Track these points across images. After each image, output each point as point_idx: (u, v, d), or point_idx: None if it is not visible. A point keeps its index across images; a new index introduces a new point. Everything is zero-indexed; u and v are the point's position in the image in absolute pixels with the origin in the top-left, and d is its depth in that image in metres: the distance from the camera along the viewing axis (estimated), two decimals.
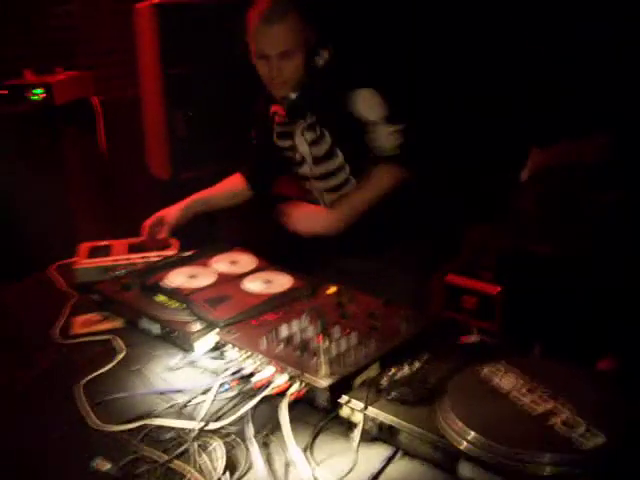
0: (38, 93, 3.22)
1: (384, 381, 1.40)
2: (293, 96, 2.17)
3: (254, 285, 1.95)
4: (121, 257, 2.30)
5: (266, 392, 1.46)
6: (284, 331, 1.62)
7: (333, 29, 2.37)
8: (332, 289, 1.91)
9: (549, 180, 3.77)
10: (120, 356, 1.74)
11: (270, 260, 2.16)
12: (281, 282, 1.97)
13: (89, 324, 1.95)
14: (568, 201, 3.63)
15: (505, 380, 1.42)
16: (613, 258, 3.23)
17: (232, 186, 2.56)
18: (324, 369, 1.44)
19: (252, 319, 1.74)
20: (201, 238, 2.46)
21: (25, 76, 3.38)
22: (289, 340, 1.59)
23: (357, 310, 1.76)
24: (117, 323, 1.94)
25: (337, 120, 2.17)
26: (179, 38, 3.29)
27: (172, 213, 2.45)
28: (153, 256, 2.30)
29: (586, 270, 3.26)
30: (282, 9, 2.06)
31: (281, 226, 2.18)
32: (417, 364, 1.45)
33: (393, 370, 1.43)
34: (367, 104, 2.11)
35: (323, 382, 1.42)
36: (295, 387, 1.45)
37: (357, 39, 3.34)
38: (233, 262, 2.13)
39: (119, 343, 1.81)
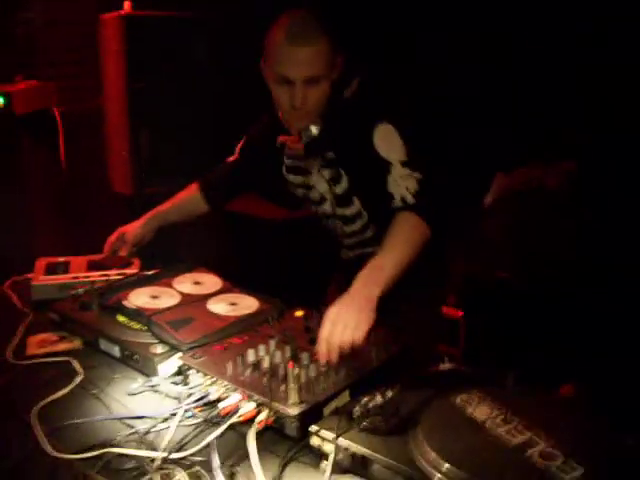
0: None
1: (356, 410, 1.36)
2: (315, 131, 1.97)
3: (219, 307, 1.90)
4: (80, 274, 2.23)
5: (232, 420, 1.40)
6: (251, 356, 1.57)
7: (363, 56, 2.20)
8: (299, 312, 1.87)
9: (512, 206, 3.80)
10: (78, 379, 1.67)
11: (236, 280, 2.11)
12: (247, 304, 1.92)
13: (45, 344, 1.86)
14: (530, 227, 3.66)
15: (479, 410, 1.38)
16: (575, 284, 3.26)
17: (187, 198, 2.45)
18: (293, 397, 1.39)
19: (217, 343, 1.68)
20: (163, 255, 2.41)
21: None
22: (256, 365, 1.54)
23: None
24: (75, 344, 1.86)
25: (357, 159, 1.93)
26: (146, 51, 3.23)
27: (132, 230, 2.39)
28: (113, 274, 2.22)
29: (548, 296, 3.28)
30: (312, 29, 1.82)
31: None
32: (389, 392, 1.40)
33: (365, 398, 1.38)
34: (386, 142, 1.88)
35: (292, 410, 1.37)
36: (263, 415, 1.40)
37: (383, 69, 3.26)
38: (197, 282, 2.07)
39: (77, 365, 1.74)
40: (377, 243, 2.06)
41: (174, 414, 1.47)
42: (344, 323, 1.54)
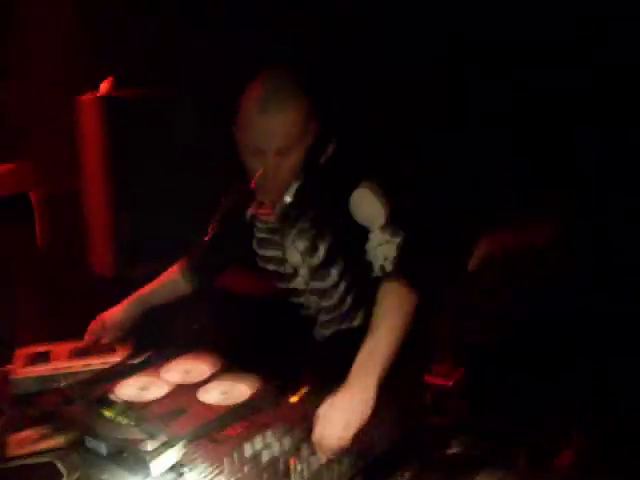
0: None
1: None
2: (288, 199, 1.90)
3: (211, 396, 1.80)
4: (62, 365, 2.13)
5: None
6: (248, 450, 1.48)
7: (337, 118, 2.13)
8: (295, 398, 1.78)
9: (500, 267, 3.76)
10: (68, 477, 1.57)
11: (228, 361, 2.03)
12: (240, 392, 1.82)
13: (26, 443, 1.75)
14: (520, 287, 3.62)
15: None
16: (565, 347, 3.22)
17: (170, 279, 2.37)
18: None
19: (212, 434, 1.59)
20: (153, 336, 2.32)
21: None
22: (253, 460, 1.45)
23: None
24: (59, 441, 1.74)
25: (333, 227, 1.88)
26: (125, 131, 3.20)
27: (114, 315, 2.30)
28: (97, 363, 2.13)
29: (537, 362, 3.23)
30: (284, 96, 1.75)
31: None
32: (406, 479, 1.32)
33: None
34: (365, 206, 1.80)
35: None
36: None
37: (358, 130, 3.23)
38: (186, 370, 1.97)
39: (61, 467, 1.63)
40: (353, 318, 2.03)
41: None
42: (332, 426, 1.48)
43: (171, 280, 2.36)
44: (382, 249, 1.76)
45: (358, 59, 3.77)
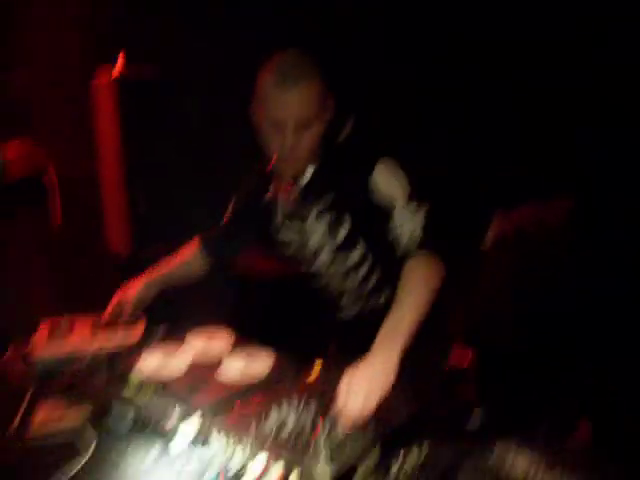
0: None
1: (393, 470, 1.29)
2: (309, 174, 1.90)
3: (233, 367, 1.82)
4: (84, 341, 2.15)
5: None
6: (273, 417, 1.50)
7: (356, 95, 2.11)
8: (318, 368, 1.80)
9: (514, 245, 3.77)
10: (89, 454, 1.56)
11: (246, 336, 2.04)
12: (262, 363, 1.84)
13: (50, 418, 1.76)
14: (534, 265, 3.62)
15: (519, 463, 1.32)
16: (581, 319, 3.22)
17: (187, 258, 2.37)
18: (324, 460, 1.32)
19: (235, 405, 1.61)
20: (170, 314, 2.34)
21: None
22: (279, 427, 1.47)
23: None
24: (81, 416, 1.74)
25: (357, 202, 1.84)
26: (139, 112, 3.21)
27: (132, 293, 2.31)
28: (118, 339, 2.15)
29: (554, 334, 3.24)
30: (301, 70, 1.76)
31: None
32: (423, 450, 1.33)
33: (400, 457, 1.31)
34: (388, 181, 1.80)
35: (324, 474, 1.29)
36: (292, 479, 1.32)
37: (376, 106, 3.21)
38: (208, 343, 2.00)
39: (87, 438, 1.63)
40: (379, 296, 2.02)
41: None
42: (356, 394, 1.48)
43: (188, 260, 2.37)
44: (407, 225, 1.76)
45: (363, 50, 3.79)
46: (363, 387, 1.49)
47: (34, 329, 2.28)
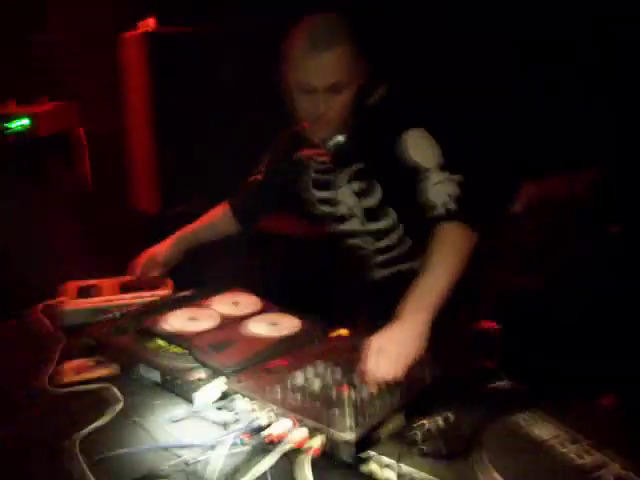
0: (22, 123, 3.09)
1: (416, 434, 1.29)
2: (341, 139, 1.87)
3: (260, 328, 1.83)
4: (113, 297, 2.17)
5: (284, 448, 1.34)
6: (299, 379, 1.50)
7: (388, 61, 2.08)
8: (344, 331, 1.80)
9: (543, 213, 3.73)
10: (118, 407, 1.59)
11: (273, 300, 2.05)
12: (288, 324, 1.85)
13: (81, 371, 1.79)
14: (562, 234, 3.59)
15: (543, 429, 1.32)
16: (608, 291, 3.19)
17: (218, 218, 2.37)
18: (349, 421, 1.32)
19: (261, 365, 1.62)
20: (193, 275, 2.35)
21: (9, 106, 3.25)
22: (305, 389, 1.47)
23: None
24: (112, 370, 1.79)
25: (389, 168, 1.81)
26: (168, 68, 3.18)
27: (162, 251, 2.32)
28: (147, 296, 2.17)
29: (579, 303, 3.21)
30: (333, 34, 1.73)
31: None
32: (450, 415, 1.33)
33: (425, 422, 1.31)
34: (420, 147, 1.77)
35: (349, 436, 1.30)
36: (316, 441, 1.33)
37: (409, 73, 3.16)
38: (235, 303, 2.01)
39: (115, 392, 1.66)
40: (413, 258, 1.98)
41: (222, 442, 1.39)
42: (386, 356, 1.47)
43: (218, 219, 2.36)
44: (443, 187, 1.72)
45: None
46: (393, 350, 1.48)
47: (63, 285, 2.31)
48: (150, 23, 3.16)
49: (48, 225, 3.35)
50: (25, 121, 3.09)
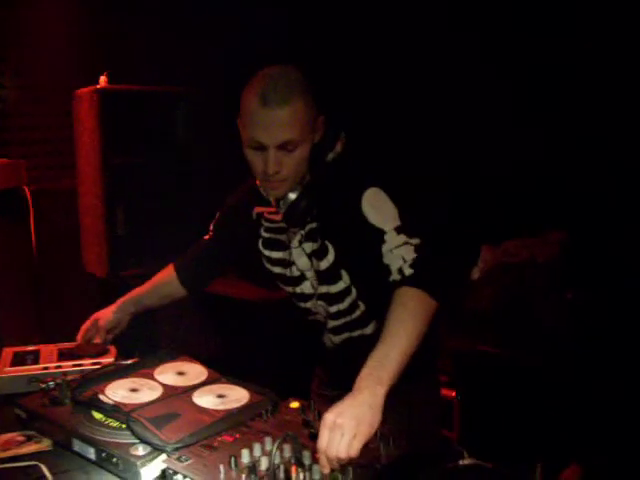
0: None
1: None
2: (292, 197, 1.77)
3: (205, 400, 1.71)
4: (51, 365, 2.04)
5: None
6: (246, 457, 1.39)
7: (346, 114, 2.00)
8: (295, 404, 1.69)
9: (501, 277, 3.71)
10: None
11: (222, 368, 1.93)
12: (237, 396, 1.73)
13: (9, 446, 1.65)
14: (520, 301, 3.55)
15: None
16: (567, 362, 3.14)
17: (163, 281, 2.25)
18: None
19: (206, 441, 1.50)
20: (141, 341, 2.24)
21: None
22: (252, 469, 1.36)
23: None
24: (44, 445, 1.65)
25: (344, 229, 1.74)
26: (122, 127, 3.12)
27: (106, 316, 2.21)
28: (87, 364, 2.04)
29: (539, 373, 3.16)
30: (287, 88, 1.65)
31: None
32: None
33: None
34: (377, 208, 1.70)
35: None
36: None
37: (368, 128, 3.10)
38: (180, 373, 1.88)
39: (46, 471, 1.52)
40: (365, 324, 1.90)
41: None
42: (341, 432, 1.35)
43: (166, 281, 2.25)
44: (399, 251, 1.65)
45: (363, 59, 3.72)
46: (350, 425, 1.36)
47: (1, 348, 2.18)
48: (102, 81, 3.11)
49: None
50: None
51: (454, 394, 3.32)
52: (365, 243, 1.69)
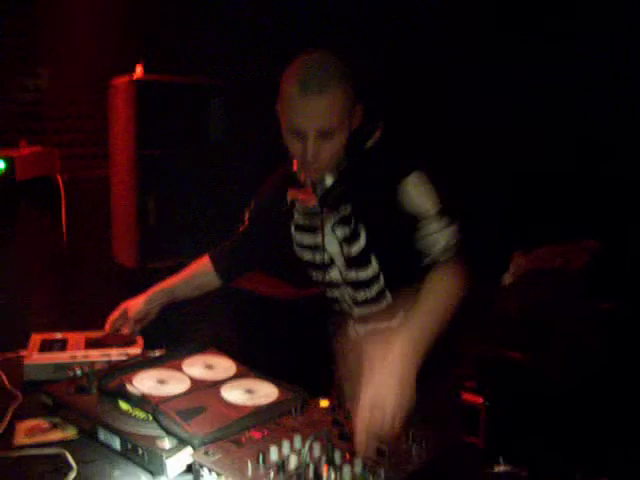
0: None
1: None
2: (329, 181, 1.77)
3: (233, 395, 1.68)
4: (78, 353, 2.02)
5: None
6: (274, 454, 1.35)
7: (385, 103, 2.01)
8: (324, 402, 1.65)
9: (533, 285, 3.65)
10: (70, 476, 1.44)
11: (249, 363, 1.90)
12: (265, 392, 1.70)
13: (35, 433, 1.64)
14: (552, 309, 3.49)
15: None
16: (598, 374, 3.08)
17: (196, 272, 2.23)
18: None
19: (233, 437, 1.46)
20: (167, 334, 2.21)
21: None
22: (281, 466, 1.32)
23: None
24: (69, 433, 1.63)
25: (378, 214, 1.76)
26: (157, 117, 3.10)
27: (136, 306, 2.18)
28: (115, 354, 2.02)
29: (565, 382, 3.10)
30: (326, 77, 1.64)
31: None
32: None
33: None
34: (420, 193, 1.72)
35: None
36: None
37: (408, 115, 3.07)
38: (208, 366, 1.85)
39: (70, 459, 1.50)
40: (392, 317, 1.87)
41: None
42: (381, 409, 1.34)
43: (201, 271, 2.22)
44: (440, 235, 1.69)
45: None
46: (390, 401, 1.35)
47: (26, 338, 2.17)
48: (138, 71, 3.10)
49: (18, 273, 3.20)
50: (2, 164, 2.97)
51: (480, 400, 3.27)
52: (402, 227, 1.72)
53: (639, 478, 2.51)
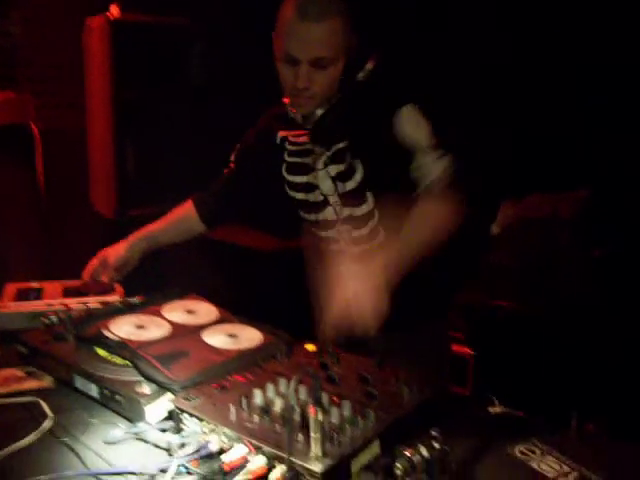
0: None
1: (397, 466, 1.08)
2: (319, 113, 1.76)
3: (216, 339, 1.62)
4: (54, 301, 1.96)
5: (239, 478, 1.13)
6: (258, 398, 1.29)
7: (380, 35, 1.98)
8: (311, 346, 1.60)
9: (523, 234, 3.61)
10: (47, 424, 1.38)
11: (232, 310, 1.84)
12: (249, 336, 1.64)
13: (10, 382, 1.58)
14: (543, 257, 3.46)
15: (545, 464, 1.13)
16: (590, 316, 3.07)
17: (180, 217, 2.16)
18: (316, 449, 1.11)
19: (215, 381, 1.40)
20: (148, 282, 2.14)
21: None
22: (265, 410, 1.26)
23: (345, 373, 1.45)
24: (45, 382, 1.58)
25: (375, 145, 1.73)
26: (134, 60, 2.98)
27: (116, 253, 2.09)
28: (93, 302, 1.96)
29: (558, 328, 3.08)
30: (325, 5, 1.64)
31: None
32: (435, 444, 1.13)
33: (406, 451, 1.11)
34: (414, 124, 1.71)
35: (316, 466, 1.09)
36: (277, 472, 1.12)
37: (403, 47, 3.00)
38: (189, 311, 1.79)
39: (46, 407, 1.45)
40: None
41: (164, 470, 1.18)
42: (356, 307, 1.45)
43: (184, 216, 2.16)
44: (434, 166, 1.70)
45: None
46: (364, 299, 1.44)
47: (3, 287, 2.10)
48: (113, 10, 2.96)
49: None
50: None
51: (467, 351, 3.25)
52: (397, 159, 1.72)
53: (635, 422, 2.51)
